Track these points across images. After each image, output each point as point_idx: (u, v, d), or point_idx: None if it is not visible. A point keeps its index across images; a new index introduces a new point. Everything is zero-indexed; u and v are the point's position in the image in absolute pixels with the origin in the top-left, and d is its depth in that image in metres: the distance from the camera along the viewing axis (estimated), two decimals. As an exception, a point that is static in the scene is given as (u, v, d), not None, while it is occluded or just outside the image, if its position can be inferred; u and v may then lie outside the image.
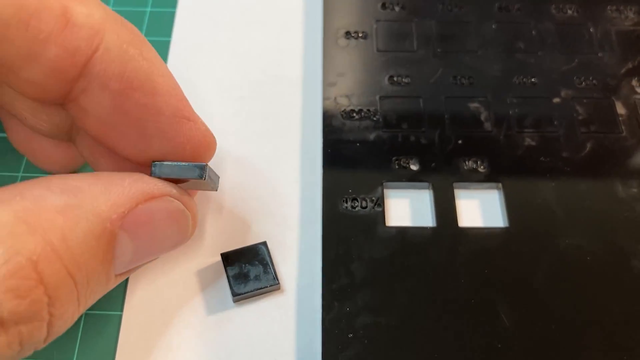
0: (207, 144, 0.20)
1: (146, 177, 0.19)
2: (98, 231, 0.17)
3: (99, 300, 0.20)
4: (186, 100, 0.20)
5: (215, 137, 0.21)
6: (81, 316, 0.22)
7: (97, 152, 0.21)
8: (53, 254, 0.16)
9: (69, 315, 0.17)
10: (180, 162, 0.20)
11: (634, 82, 0.27)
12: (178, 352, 0.21)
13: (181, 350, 0.21)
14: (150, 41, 0.29)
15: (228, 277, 0.22)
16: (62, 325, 0.17)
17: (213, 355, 0.21)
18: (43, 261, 0.15)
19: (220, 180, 0.24)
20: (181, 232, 0.20)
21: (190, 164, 0.19)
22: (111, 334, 0.22)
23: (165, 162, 0.19)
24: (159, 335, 0.22)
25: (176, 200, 0.19)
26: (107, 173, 0.18)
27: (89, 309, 0.22)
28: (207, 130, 0.20)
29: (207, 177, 0.20)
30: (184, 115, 0.20)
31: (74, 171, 0.24)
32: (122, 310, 0.22)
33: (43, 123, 0.21)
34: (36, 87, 0.19)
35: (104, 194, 0.17)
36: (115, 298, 0.22)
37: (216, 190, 0.22)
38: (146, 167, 0.20)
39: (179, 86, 0.20)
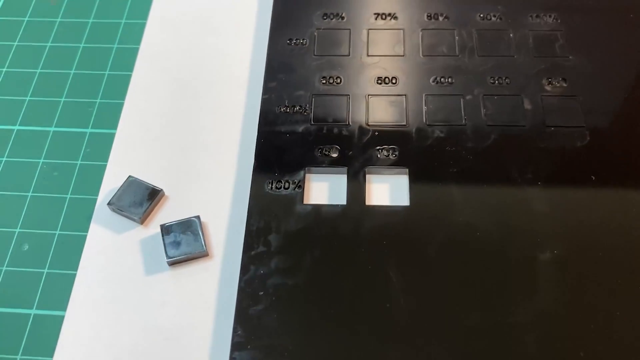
0: None
1: None
2: None
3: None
4: None
5: (170, 126, 0.26)
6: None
7: None
8: None
9: None
10: None
11: (544, 81, 0.30)
12: (122, 304, 0.26)
13: (124, 302, 0.26)
14: (124, 48, 0.34)
15: (164, 244, 0.26)
16: None
17: (149, 308, 0.25)
18: None
19: (169, 163, 0.29)
20: None
21: None
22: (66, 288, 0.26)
23: None
24: (107, 293, 0.26)
25: None
26: None
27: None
28: None
29: None
30: None
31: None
32: (77, 270, 0.27)
33: None
34: None
35: None
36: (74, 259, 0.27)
37: None
38: None
39: None
